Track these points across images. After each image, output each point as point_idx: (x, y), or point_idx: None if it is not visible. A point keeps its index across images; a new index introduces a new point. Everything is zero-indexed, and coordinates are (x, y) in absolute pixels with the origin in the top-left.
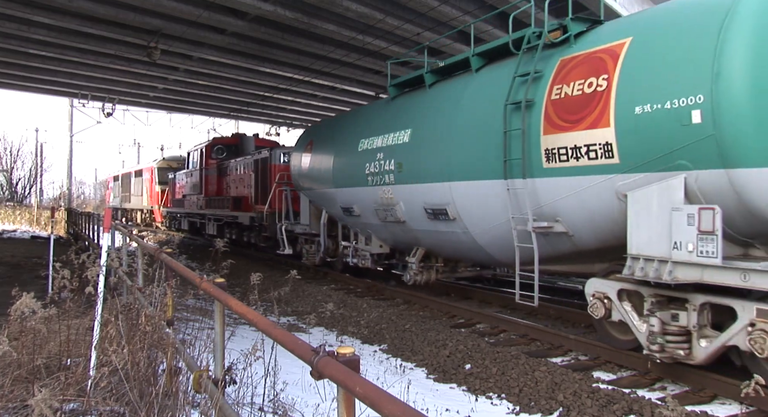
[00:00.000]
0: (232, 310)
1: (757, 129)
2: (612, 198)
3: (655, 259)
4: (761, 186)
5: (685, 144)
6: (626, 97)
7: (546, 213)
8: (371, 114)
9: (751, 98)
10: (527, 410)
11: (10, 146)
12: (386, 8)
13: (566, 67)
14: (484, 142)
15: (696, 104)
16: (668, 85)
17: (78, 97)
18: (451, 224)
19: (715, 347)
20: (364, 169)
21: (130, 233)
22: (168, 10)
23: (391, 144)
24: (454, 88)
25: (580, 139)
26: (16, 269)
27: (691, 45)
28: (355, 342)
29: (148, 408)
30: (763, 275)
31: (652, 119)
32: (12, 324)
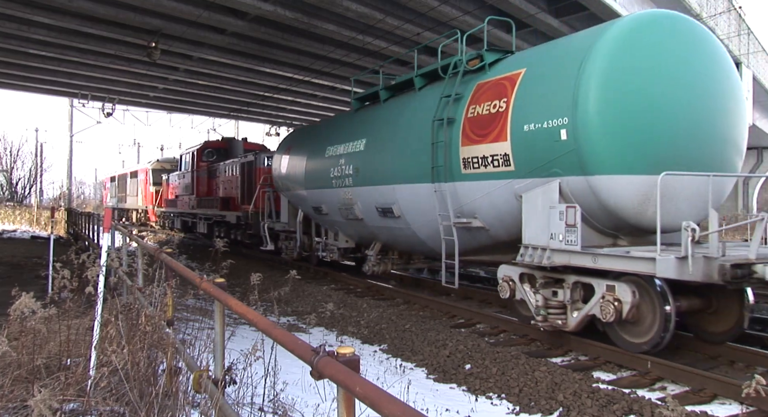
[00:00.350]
0: (232, 310)
1: (604, 145)
2: (512, 198)
3: (539, 248)
4: (610, 189)
5: (557, 156)
6: (518, 117)
7: (466, 211)
8: (338, 124)
9: (599, 122)
10: (527, 410)
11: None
12: (386, 8)
13: (480, 90)
14: (419, 151)
15: (563, 125)
16: (546, 109)
17: (78, 97)
18: (397, 221)
19: (581, 316)
20: (329, 172)
21: (130, 233)
22: (168, 10)
23: (351, 151)
24: (400, 103)
25: (488, 151)
26: (16, 269)
27: (561, 78)
28: (355, 342)
29: (148, 408)
30: (606, 258)
31: (536, 135)
32: (12, 324)
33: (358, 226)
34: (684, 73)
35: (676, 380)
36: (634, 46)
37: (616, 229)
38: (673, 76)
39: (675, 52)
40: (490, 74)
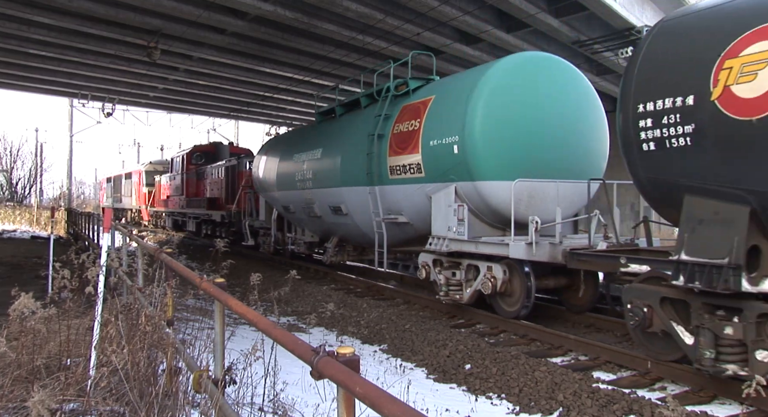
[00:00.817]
0: (232, 310)
1: (484, 158)
2: (425, 199)
3: (442, 237)
4: (490, 191)
5: (452, 165)
6: (427, 134)
7: (393, 209)
8: (303, 134)
9: (481, 140)
10: (527, 410)
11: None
12: (386, 8)
13: (403, 111)
14: (360, 159)
15: (455, 142)
16: (445, 129)
17: (78, 97)
18: (345, 218)
19: (472, 291)
20: (295, 176)
21: (130, 233)
22: (168, 10)
23: (311, 158)
24: (349, 119)
25: (407, 160)
26: (16, 269)
27: (455, 106)
28: (355, 342)
29: (148, 408)
30: (483, 245)
31: (438, 149)
32: (12, 324)
33: (318, 223)
34: (550, 102)
35: (676, 380)
36: (507, 83)
37: (502, 223)
38: (539, 106)
39: (542, 86)
40: (412, 98)
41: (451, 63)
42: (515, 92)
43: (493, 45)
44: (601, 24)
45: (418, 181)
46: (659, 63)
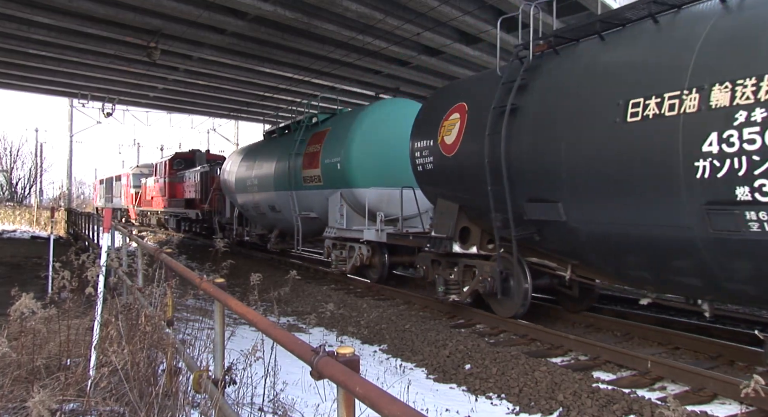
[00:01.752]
0: (232, 310)
1: (355, 172)
2: (325, 200)
3: (332, 227)
4: (360, 195)
5: (339, 177)
6: (324, 154)
7: (306, 207)
8: (255, 148)
9: (354, 159)
10: (527, 410)
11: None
12: (386, 8)
13: (313, 137)
14: (285, 171)
15: (339, 160)
16: (335, 151)
17: (78, 97)
18: (279, 214)
19: (352, 263)
20: (247, 181)
21: (130, 233)
22: (168, 10)
23: (257, 168)
24: (284, 139)
25: (313, 173)
26: (16, 269)
27: (341, 134)
28: (355, 342)
29: (148, 408)
30: (353, 232)
31: (330, 165)
32: (12, 324)
33: (263, 218)
34: (401, 132)
35: (676, 380)
36: (375, 120)
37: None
38: (395, 135)
39: (398, 122)
40: (319, 128)
41: (451, 63)
42: (380, 126)
43: (493, 45)
44: None
45: (320, 188)
46: (421, 120)
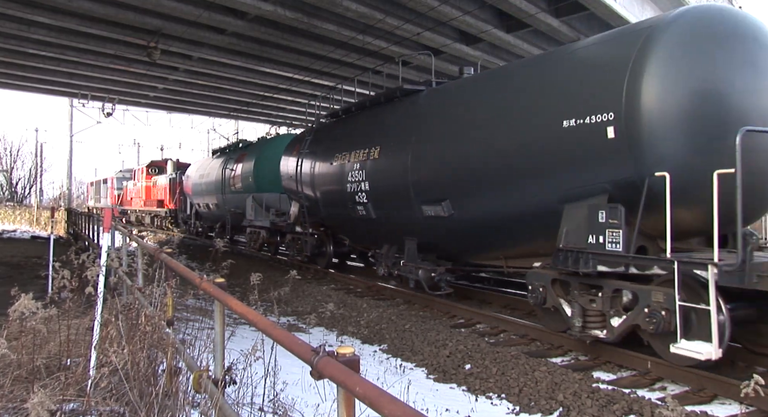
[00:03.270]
0: (232, 310)
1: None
2: (244, 201)
3: (247, 219)
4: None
5: (250, 185)
6: (257, 173)
7: (238, 205)
8: (207, 161)
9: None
10: (527, 410)
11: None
12: (386, 8)
13: (238, 158)
14: (221, 181)
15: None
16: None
17: (78, 97)
18: (220, 211)
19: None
20: (200, 187)
21: (130, 233)
22: (168, 10)
23: (206, 177)
24: (222, 157)
25: (236, 182)
26: (16, 269)
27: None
28: (355, 342)
29: (148, 408)
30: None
31: (247, 178)
32: (12, 324)
33: (211, 214)
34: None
35: (676, 380)
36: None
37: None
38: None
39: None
40: (242, 151)
41: (451, 63)
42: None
43: (493, 45)
44: (601, 24)
45: (240, 193)
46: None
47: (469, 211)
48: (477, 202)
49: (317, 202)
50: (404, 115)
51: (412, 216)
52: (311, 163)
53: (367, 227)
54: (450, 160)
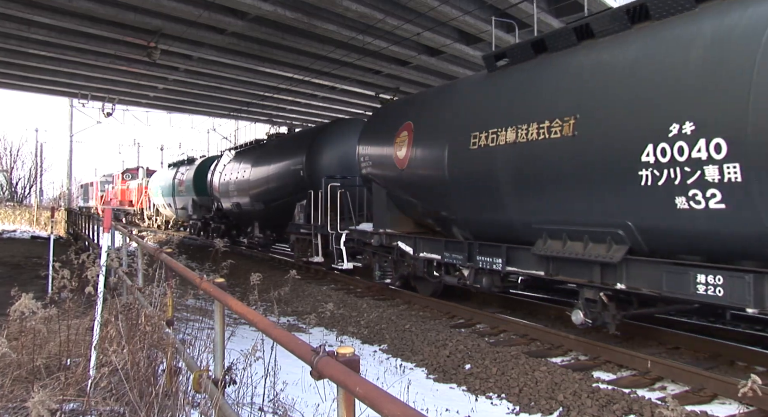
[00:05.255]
0: (232, 310)
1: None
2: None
3: (190, 217)
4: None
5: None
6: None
7: (181, 206)
8: (164, 170)
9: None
10: (527, 410)
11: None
12: (386, 8)
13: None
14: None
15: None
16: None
17: (78, 97)
18: (172, 209)
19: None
20: (159, 190)
21: (129, 233)
22: (168, 10)
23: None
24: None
25: (184, 187)
26: (16, 269)
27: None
28: (355, 342)
29: (148, 408)
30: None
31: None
32: (12, 324)
33: (166, 211)
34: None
35: (676, 380)
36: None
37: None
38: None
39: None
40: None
41: (451, 63)
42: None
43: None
44: None
45: (186, 195)
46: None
47: None
48: None
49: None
50: None
51: None
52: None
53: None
54: None
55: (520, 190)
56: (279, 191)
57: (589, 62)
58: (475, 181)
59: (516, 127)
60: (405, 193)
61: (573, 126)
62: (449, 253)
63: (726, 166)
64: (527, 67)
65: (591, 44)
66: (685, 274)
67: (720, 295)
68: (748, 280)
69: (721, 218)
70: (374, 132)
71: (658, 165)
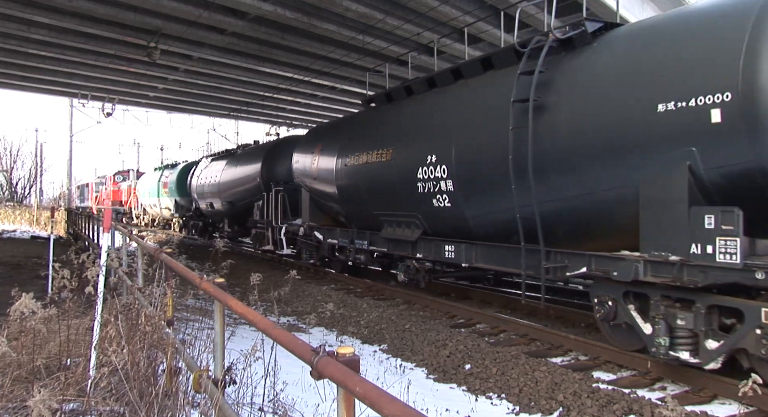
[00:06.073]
0: (232, 310)
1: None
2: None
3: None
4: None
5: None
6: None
7: (164, 206)
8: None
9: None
10: (527, 410)
11: (10, 146)
12: (386, 8)
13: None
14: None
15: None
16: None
17: (78, 97)
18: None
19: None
20: (146, 191)
21: (129, 233)
22: (168, 10)
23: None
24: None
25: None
26: (16, 269)
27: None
28: (355, 342)
29: (148, 408)
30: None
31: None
32: (12, 324)
33: (152, 210)
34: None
35: (676, 380)
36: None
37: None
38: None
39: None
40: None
41: (451, 63)
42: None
43: (493, 45)
44: None
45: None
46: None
47: None
48: None
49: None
50: None
51: None
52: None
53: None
54: None
55: (371, 194)
56: (242, 194)
57: (407, 111)
58: (351, 188)
59: (368, 152)
60: (318, 196)
61: (390, 154)
62: (341, 239)
63: (448, 181)
64: (380, 109)
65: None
66: (440, 245)
67: (453, 257)
68: (462, 247)
69: (450, 212)
70: (302, 150)
71: (425, 180)
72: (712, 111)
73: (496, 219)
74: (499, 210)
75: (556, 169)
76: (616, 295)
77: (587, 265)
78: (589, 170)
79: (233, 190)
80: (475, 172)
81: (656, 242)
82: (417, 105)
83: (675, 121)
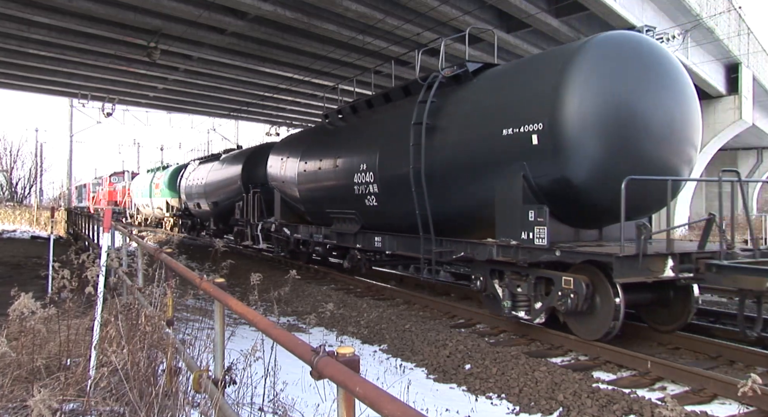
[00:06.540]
0: (232, 310)
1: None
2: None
3: (164, 214)
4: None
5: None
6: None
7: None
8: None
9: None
10: (527, 410)
11: (10, 146)
12: (386, 8)
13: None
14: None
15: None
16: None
17: (78, 97)
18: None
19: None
20: (139, 192)
21: (129, 233)
22: (168, 10)
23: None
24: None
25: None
26: (16, 269)
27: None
28: (355, 342)
29: (148, 408)
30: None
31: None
32: (12, 324)
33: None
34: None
35: (676, 380)
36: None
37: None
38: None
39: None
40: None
41: (451, 63)
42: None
43: (493, 45)
44: (601, 24)
45: (161, 196)
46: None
47: None
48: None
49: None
50: None
51: None
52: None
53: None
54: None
55: (323, 195)
56: (226, 194)
57: (351, 126)
58: (309, 190)
59: (321, 160)
60: (287, 197)
61: (336, 162)
62: (304, 234)
63: (374, 185)
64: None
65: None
66: (372, 237)
67: (381, 246)
68: (386, 238)
69: (376, 209)
70: (274, 155)
71: (359, 184)
72: (533, 136)
73: (406, 215)
74: (407, 208)
75: (442, 177)
76: (485, 272)
77: (464, 250)
78: (463, 179)
79: (218, 191)
80: (391, 178)
81: (504, 231)
82: (358, 121)
83: (513, 143)
